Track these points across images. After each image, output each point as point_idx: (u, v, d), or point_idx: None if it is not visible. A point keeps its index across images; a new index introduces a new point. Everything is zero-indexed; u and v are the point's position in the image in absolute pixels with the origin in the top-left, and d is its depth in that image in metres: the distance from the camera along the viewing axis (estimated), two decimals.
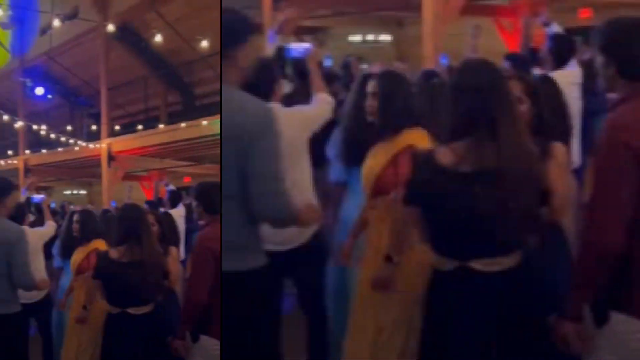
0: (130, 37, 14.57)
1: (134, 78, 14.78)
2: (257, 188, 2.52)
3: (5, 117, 14.53)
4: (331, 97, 3.89)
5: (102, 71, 14.01)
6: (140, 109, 15.63)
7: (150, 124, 14.28)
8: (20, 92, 16.65)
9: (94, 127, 15.47)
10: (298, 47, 3.90)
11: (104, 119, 14.13)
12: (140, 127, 14.05)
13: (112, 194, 13.56)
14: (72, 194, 19.83)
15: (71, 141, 14.54)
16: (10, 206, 4.18)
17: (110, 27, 11.80)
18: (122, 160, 13.91)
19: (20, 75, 16.56)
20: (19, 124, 15.13)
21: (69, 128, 15.98)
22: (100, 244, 5.34)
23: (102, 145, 13.94)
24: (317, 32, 12.48)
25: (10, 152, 17.52)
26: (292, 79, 4.19)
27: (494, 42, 9.44)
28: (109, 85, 14.07)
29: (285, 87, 3.96)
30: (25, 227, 4.77)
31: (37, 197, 6.31)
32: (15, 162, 16.77)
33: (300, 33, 11.47)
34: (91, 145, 14.39)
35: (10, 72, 17.03)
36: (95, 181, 16.67)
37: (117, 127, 14.91)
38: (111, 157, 13.79)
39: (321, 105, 3.77)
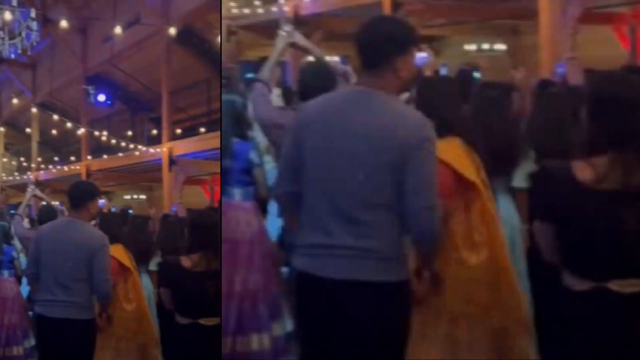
0: (193, 39, 14.40)
1: (197, 81, 14.64)
2: (413, 201, 2.48)
3: (69, 125, 14.71)
4: None
5: (163, 75, 13.88)
6: (202, 112, 15.49)
7: (213, 126, 14.09)
8: (83, 99, 16.82)
9: (154, 132, 15.44)
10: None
11: (165, 123, 13.98)
12: (202, 129, 13.91)
13: (173, 198, 13.41)
14: (132, 199, 19.94)
15: (131, 146, 14.53)
16: (94, 212, 4.22)
17: (172, 31, 11.69)
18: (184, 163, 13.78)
19: (83, 83, 16.76)
20: (81, 131, 15.29)
21: (129, 133, 16.04)
22: (114, 249, 4.87)
23: (163, 149, 13.83)
24: (434, 41, 12.48)
25: (72, 158, 17.79)
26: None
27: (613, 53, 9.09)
28: (171, 89, 13.96)
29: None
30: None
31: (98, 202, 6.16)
32: (77, 167, 17.00)
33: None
34: (152, 150, 14.30)
35: (73, 80, 17.22)
36: (156, 185, 16.65)
37: (178, 131, 14.80)
38: (172, 161, 13.64)
39: None
